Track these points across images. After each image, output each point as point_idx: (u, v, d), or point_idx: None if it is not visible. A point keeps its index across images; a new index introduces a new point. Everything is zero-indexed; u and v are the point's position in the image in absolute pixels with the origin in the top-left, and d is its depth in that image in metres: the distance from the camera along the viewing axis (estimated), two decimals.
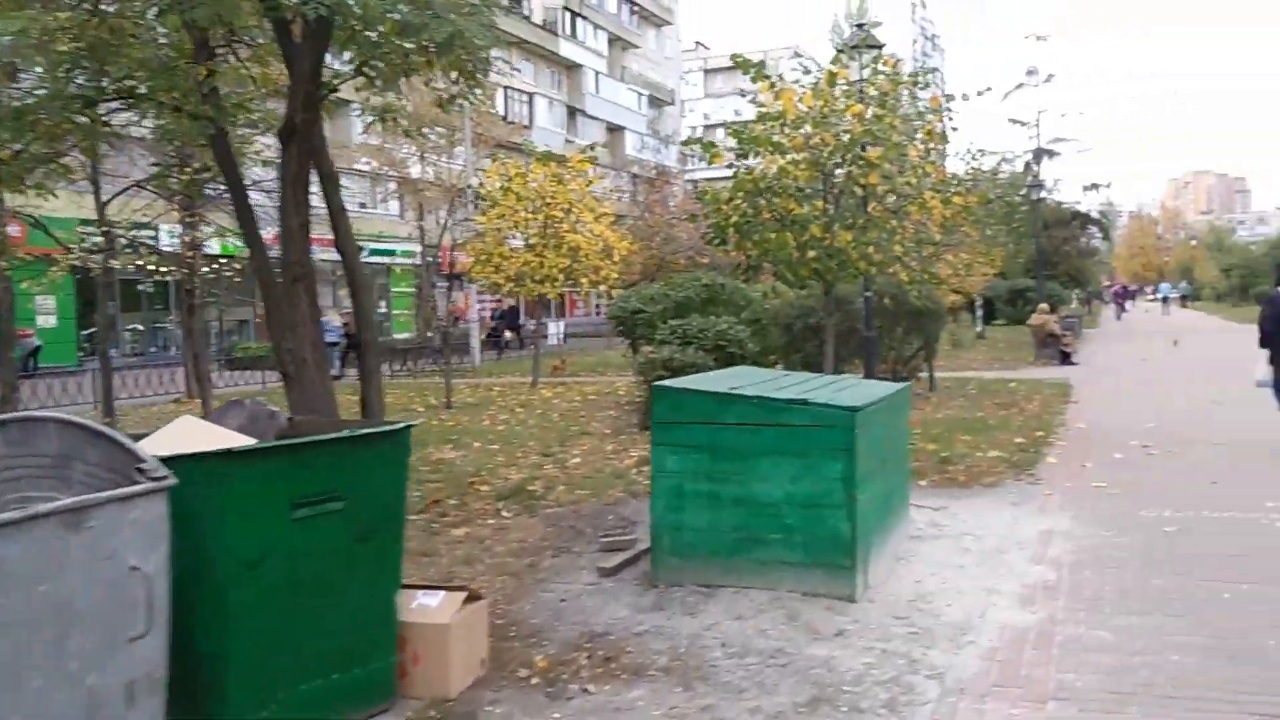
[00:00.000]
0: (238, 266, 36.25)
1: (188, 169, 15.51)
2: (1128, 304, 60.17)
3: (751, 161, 11.52)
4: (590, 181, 21.05)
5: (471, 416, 15.41)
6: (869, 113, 11.19)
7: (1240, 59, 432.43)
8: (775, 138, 11.30)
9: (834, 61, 11.47)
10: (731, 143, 11.92)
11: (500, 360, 30.91)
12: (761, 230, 11.48)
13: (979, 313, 35.11)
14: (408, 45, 6.46)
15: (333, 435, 4.30)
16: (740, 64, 11.42)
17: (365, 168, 37.72)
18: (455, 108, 8.92)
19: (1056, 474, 9.43)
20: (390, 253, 43.34)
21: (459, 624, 4.61)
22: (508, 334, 29.28)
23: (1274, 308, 10.22)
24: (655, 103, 66.03)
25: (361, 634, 4.28)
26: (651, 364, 12.59)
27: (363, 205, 43.66)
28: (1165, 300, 66.94)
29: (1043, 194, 34.62)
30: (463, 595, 4.77)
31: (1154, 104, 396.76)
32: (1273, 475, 9.00)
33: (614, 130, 60.92)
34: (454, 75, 7.23)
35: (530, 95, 54.31)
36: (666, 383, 6.26)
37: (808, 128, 11.19)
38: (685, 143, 12.35)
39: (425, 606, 4.65)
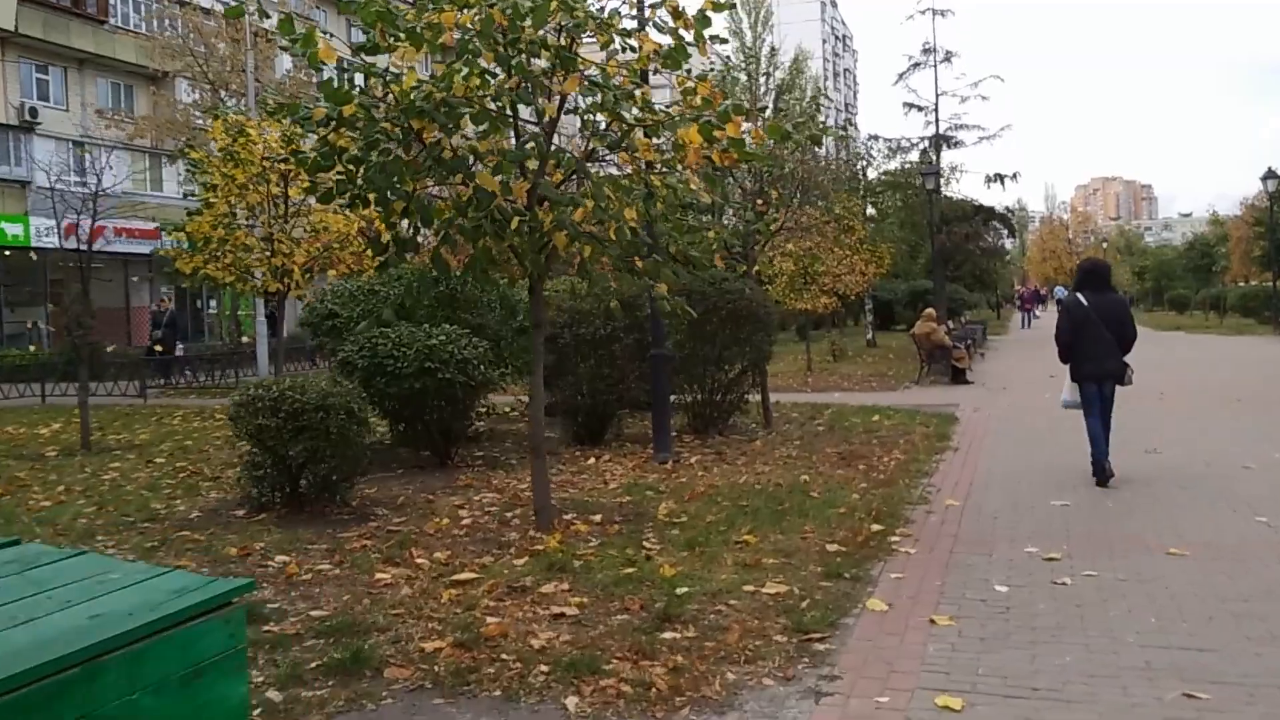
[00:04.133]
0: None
1: None
2: (1038, 309, 56.51)
3: (382, 60, 6.57)
4: None
5: (62, 475, 10.18)
6: None
7: (1149, 66, 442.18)
8: (427, 15, 6.33)
9: None
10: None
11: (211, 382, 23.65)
12: (404, 178, 6.50)
13: (869, 317, 30.69)
14: None
15: None
16: None
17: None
18: None
19: (873, 654, 4.62)
20: None
21: None
22: (158, 347, 23.10)
23: (1071, 317, 8.82)
24: None
25: None
26: (250, 407, 7.52)
27: (186, 194, 37.94)
28: (1060, 303, 63.69)
29: (939, 181, 30.31)
30: None
31: (1063, 107, 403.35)
32: None
33: None
34: None
35: None
36: None
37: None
38: (229, 10, 6.56)
39: None
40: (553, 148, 6.78)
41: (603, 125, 6.74)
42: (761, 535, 6.70)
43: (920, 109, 34.51)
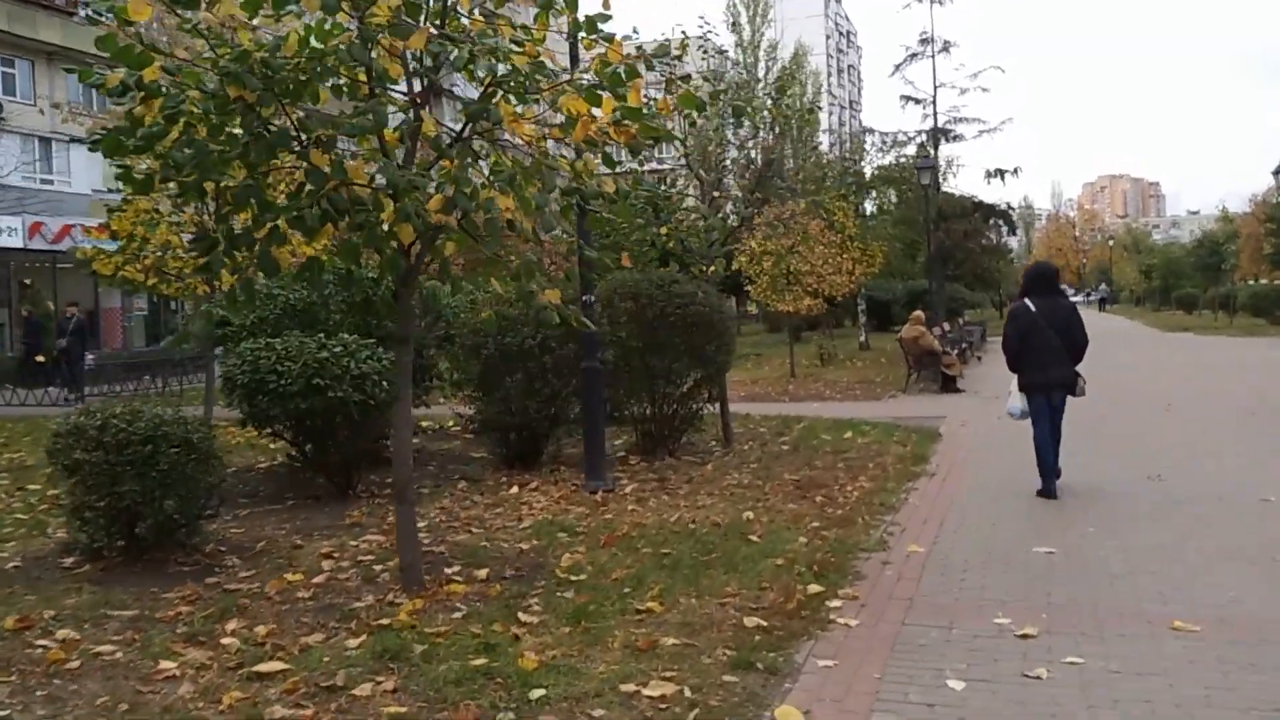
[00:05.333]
0: None
1: None
2: None
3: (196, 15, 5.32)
4: None
5: None
6: None
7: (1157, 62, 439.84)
8: None
9: None
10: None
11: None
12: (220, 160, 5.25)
13: (862, 319, 29.37)
14: None
15: None
16: None
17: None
18: None
19: None
20: None
21: None
22: (39, 357, 21.56)
23: (1017, 324, 8.37)
24: None
25: None
26: (69, 438, 6.28)
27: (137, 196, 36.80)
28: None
29: (937, 176, 28.97)
30: None
31: (1070, 103, 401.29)
32: None
33: None
34: None
35: None
36: None
37: None
38: None
39: None
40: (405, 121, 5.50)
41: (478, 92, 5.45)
42: (670, 601, 5.43)
43: (918, 101, 33.26)
